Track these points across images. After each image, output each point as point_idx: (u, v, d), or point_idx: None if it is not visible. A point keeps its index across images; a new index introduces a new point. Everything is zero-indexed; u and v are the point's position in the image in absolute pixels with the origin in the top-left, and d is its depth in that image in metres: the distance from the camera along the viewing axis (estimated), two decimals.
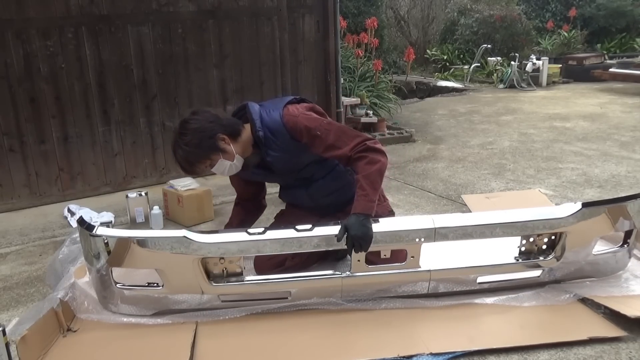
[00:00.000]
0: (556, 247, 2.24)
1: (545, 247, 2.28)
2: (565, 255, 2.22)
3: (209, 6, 4.16)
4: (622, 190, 3.69)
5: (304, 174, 2.46)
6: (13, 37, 3.51)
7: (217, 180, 4.25)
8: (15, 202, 3.72)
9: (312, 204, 2.54)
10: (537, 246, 2.28)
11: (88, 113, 3.86)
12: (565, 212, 2.16)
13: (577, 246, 2.22)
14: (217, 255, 2.10)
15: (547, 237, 2.25)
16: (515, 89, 8.83)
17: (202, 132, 2.22)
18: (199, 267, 2.09)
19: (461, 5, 11.82)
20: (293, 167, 2.42)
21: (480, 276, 2.27)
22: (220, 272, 2.17)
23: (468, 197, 3.63)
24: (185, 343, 1.98)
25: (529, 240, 2.27)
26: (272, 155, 2.32)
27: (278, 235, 2.10)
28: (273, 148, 2.30)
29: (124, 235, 2.06)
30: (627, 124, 5.86)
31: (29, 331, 1.89)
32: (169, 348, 1.99)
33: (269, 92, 4.55)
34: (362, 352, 1.93)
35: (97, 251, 2.06)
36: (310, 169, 2.45)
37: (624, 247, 2.33)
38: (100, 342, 2.05)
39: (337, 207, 2.48)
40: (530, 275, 2.30)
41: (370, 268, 2.18)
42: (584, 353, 1.91)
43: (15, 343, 1.83)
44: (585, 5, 11.80)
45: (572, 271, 2.30)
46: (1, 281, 2.72)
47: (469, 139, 5.41)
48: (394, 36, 12.36)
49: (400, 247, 2.18)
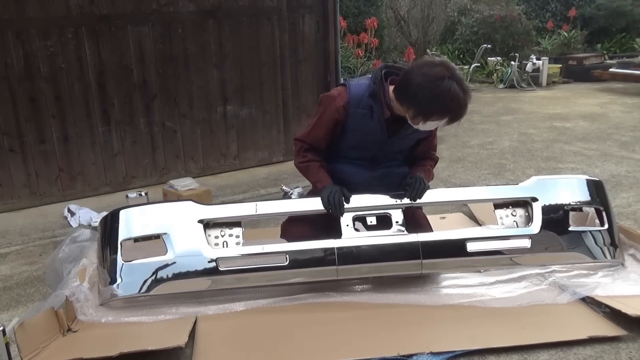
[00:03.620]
0: (531, 216, 2.42)
1: (522, 217, 2.47)
2: (543, 225, 2.38)
3: (209, 6, 4.16)
4: (622, 190, 3.69)
5: (390, 157, 2.47)
6: (13, 37, 3.51)
7: (217, 180, 4.26)
8: (15, 202, 3.72)
9: (367, 185, 2.44)
10: (514, 217, 2.47)
11: (88, 113, 3.86)
12: (524, 184, 2.55)
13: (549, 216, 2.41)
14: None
15: (520, 209, 2.48)
16: (515, 89, 8.83)
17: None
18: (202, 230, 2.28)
19: (461, 5, 11.82)
20: (406, 145, 2.46)
21: (470, 242, 2.34)
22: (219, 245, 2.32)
23: None
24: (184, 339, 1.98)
25: (503, 210, 2.49)
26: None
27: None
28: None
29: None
30: (627, 124, 5.87)
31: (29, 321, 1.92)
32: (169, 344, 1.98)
33: (269, 92, 4.55)
34: (362, 350, 1.93)
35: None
36: (399, 156, 2.50)
37: (604, 227, 2.45)
38: (100, 340, 2.05)
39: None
40: (519, 245, 2.37)
41: (359, 234, 2.36)
42: (584, 353, 1.91)
43: (14, 329, 1.86)
44: (585, 5, 11.81)
45: (560, 247, 2.40)
46: (1, 281, 2.72)
47: (469, 139, 5.41)
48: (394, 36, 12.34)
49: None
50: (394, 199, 2.39)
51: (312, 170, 2.38)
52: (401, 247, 2.32)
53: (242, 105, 4.46)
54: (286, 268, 2.27)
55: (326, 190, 2.29)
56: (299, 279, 2.32)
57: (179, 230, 2.29)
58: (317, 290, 2.33)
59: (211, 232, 2.34)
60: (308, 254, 2.30)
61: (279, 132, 4.69)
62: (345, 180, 2.44)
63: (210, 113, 4.34)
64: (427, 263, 2.31)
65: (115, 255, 2.26)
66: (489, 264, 2.41)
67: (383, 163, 2.46)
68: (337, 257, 2.27)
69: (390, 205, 2.39)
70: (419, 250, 2.30)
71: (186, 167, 4.31)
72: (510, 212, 2.49)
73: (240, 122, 4.48)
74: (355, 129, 2.32)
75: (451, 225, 3.08)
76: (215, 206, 2.48)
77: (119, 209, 2.38)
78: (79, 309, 2.21)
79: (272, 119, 4.63)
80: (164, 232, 2.29)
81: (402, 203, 2.38)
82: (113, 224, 2.33)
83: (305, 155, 2.40)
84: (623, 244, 2.54)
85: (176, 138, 4.23)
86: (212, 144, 4.40)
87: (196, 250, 2.26)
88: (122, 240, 2.29)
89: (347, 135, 2.37)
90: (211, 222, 2.34)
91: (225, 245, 2.33)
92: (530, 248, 2.37)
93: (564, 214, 2.43)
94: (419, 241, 2.31)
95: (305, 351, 1.96)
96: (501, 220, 2.49)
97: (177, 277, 2.25)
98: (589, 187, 2.53)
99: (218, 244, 2.33)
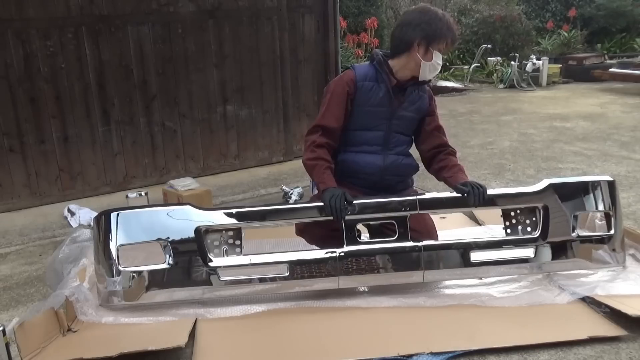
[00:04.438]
0: (538, 222, 2.35)
1: (528, 223, 2.39)
2: (549, 232, 2.32)
3: (209, 6, 4.16)
4: (622, 190, 3.68)
5: (399, 139, 2.50)
6: (13, 37, 3.51)
7: (217, 180, 4.26)
8: (15, 202, 3.72)
9: (378, 177, 2.47)
10: (521, 224, 2.40)
11: (88, 113, 3.86)
12: (535, 188, 2.39)
13: (555, 221, 2.35)
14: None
15: (528, 215, 2.38)
16: (515, 89, 8.83)
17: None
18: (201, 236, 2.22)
19: (461, 5, 11.83)
20: (411, 120, 2.51)
21: (473, 252, 2.31)
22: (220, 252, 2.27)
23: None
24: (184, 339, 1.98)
25: (511, 216, 2.40)
26: (417, 95, 2.47)
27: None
28: (417, 91, 2.48)
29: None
30: (627, 124, 5.86)
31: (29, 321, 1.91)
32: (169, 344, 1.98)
33: (269, 92, 4.55)
34: (362, 350, 1.93)
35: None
36: (406, 139, 2.54)
37: (610, 232, 2.39)
38: (100, 340, 2.05)
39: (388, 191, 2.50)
40: (523, 254, 2.34)
41: (361, 242, 2.32)
42: (584, 353, 1.91)
43: (14, 329, 1.86)
44: (585, 5, 11.82)
45: (564, 255, 2.36)
46: (1, 281, 2.72)
47: (469, 139, 5.41)
48: None
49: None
50: (399, 205, 2.32)
51: (318, 171, 2.36)
52: (403, 258, 2.28)
53: (242, 105, 4.46)
54: (287, 279, 2.24)
55: (328, 193, 2.25)
56: (299, 289, 2.29)
57: (177, 237, 2.22)
58: (317, 293, 2.32)
59: (211, 237, 2.26)
60: (309, 264, 2.26)
61: (279, 132, 4.69)
62: (356, 172, 2.46)
63: (210, 113, 4.34)
64: (429, 273, 2.29)
65: (111, 260, 2.21)
66: (491, 274, 2.37)
67: (391, 148, 2.48)
68: (338, 267, 2.24)
69: (394, 212, 2.32)
70: (421, 261, 2.27)
71: (186, 167, 4.31)
72: (518, 218, 2.41)
73: (240, 122, 4.48)
74: (365, 103, 2.42)
75: (451, 225, 3.08)
76: (215, 212, 2.35)
77: (112, 210, 2.29)
78: (79, 309, 2.21)
79: (272, 119, 4.63)
80: (162, 238, 2.22)
81: (407, 210, 2.32)
82: (108, 226, 2.24)
83: (315, 150, 2.37)
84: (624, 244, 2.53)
85: (176, 138, 4.23)
86: (212, 143, 4.40)
87: (195, 258, 2.22)
88: (118, 245, 2.22)
89: (357, 115, 2.43)
90: (210, 229, 2.26)
91: (225, 252, 2.27)
92: (534, 257, 2.33)
93: (571, 220, 2.36)
94: (421, 251, 2.27)
95: (305, 351, 1.96)
96: (507, 226, 2.41)
97: (174, 285, 2.22)
98: (600, 189, 2.41)
99: (218, 250, 2.27)
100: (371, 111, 2.42)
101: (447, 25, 2.31)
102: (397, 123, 2.46)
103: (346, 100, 2.40)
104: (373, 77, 2.42)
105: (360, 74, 2.42)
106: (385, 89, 2.40)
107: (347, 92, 2.39)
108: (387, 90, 2.40)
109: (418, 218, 2.40)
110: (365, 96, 2.41)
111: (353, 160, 2.46)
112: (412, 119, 2.50)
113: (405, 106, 2.45)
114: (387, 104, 2.41)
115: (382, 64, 2.42)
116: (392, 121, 2.45)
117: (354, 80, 2.40)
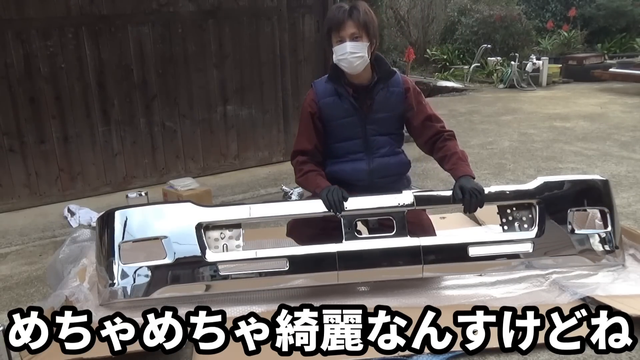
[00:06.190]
0: (534, 219, 2.38)
1: (525, 220, 2.42)
2: (545, 228, 2.35)
3: (209, 6, 4.16)
4: (622, 190, 3.68)
5: (381, 141, 2.47)
6: (13, 37, 3.51)
7: (217, 180, 4.27)
8: (15, 202, 3.72)
9: (367, 182, 2.48)
10: (517, 220, 2.42)
11: (88, 113, 3.86)
12: (529, 185, 2.44)
13: (551, 218, 2.38)
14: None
15: (524, 211, 2.42)
16: (515, 89, 8.84)
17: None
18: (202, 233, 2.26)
19: (461, 5, 11.84)
20: (388, 120, 2.46)
21: (472, 247, 2.32)
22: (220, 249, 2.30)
23: None
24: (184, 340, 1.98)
25: (507, 213, 2.42)
26: (385, 93, 2.41)
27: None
28: (385, 89, 2.41)
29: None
30: (627, 124, 5.87)
31: None
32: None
33: (269, 92, 4.55)
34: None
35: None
36: (389, 140, 2.50)
37: (607, 229, 2.41)
38: None
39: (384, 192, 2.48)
40: (521, 249, 2.35)
41: (360, 237, 2.32)
42: (584, 353, 1.91)
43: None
44: (585, 5, 11.82)
45: (562, 251, 2.38)
46: (1, 281, 2.72)
47: (469, 139, 5.41)
48: (394, 36, 12.35)
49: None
50: (396, 201, 2.35)
51: (310, 180, 2.41)
52: (402, 252, 2.30)
53: (242, 105, 4.46)
54: (287, 273, 2.26)
55: (324, 190, 2.30)
56: (299, 283, 2.31)
57: (178, 233, 2.26)
58: (317, 292, 2.32)
59: (211, 235, 2.31)
60: (309, 258, 2.28)
61: (279, 132, 4.69)
62: (344, 182, 2.44)
63: (210, 113, 4.34)
64: (428, 268, 2.30)
65: (113, 257, 2.24)
66: (490, 268, 2.39)
67: (375, 152, 2.48)
68: (338, 262, 2.25)
69: (392, 208, 2.35)
70: (421, 255, 2.28)
71: (186, 167, 4.31)
72: (514, 214, 2.46)
73: (240, 122, 4.48)
74: (332, 118, 2.43)
75: (451, 225, 3.08)
76: (215, 208, 2.44)
77: (116, 208, 2.35)
78: (78, 309, 2.21)
79: (272, 119, 4.63)
80: (164, 235, 2.25)
81: (405, 205, 2.35)
82: (111, 224, 2.29)
83: (301, 168, 2.46)
84: (623, 244, 2.54)
85: (176, 138, 4.23)
86: (212, 144, 4.40)
87: (196, 254, 2.24)
88: (120, 242, 2.26)
89: (330, 130, 2.46)
90: (211, 225, 2.32)
91: (225, 248, 2.31)
92: (532, 252, 2.35)
93: (568, 217, 2.40)
94: (420, 245, 2.29)
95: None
96: (504, 223, 2.45)
97: (176, 281, 2.24)
98: (594, 187, 2.47)
99: (218, 247, 2.31)
100: (341, 124, 2.44)
101: (340, 8, 2.30)
102: (373, 127, 2.45)
103: (313, 121, 2.44)
104: (332, 91, 2.42)
105: (319, 92, 2.44)
106: (347, 100, 2.40)
107: (311, 113, 2.44)
108: (349, 101, 2.40)
109: (415, 214, 2.41)
110: (330, 112, 2.43)
111: (340, 169, 2.50)
112: (388, 119, 2.47)
113: (376, 109, 2.43)
114: (355, 113, 2.42)
115: (334, 77, 2.41)
116: (367, 127, 2.45)
117: (315, 100, 2.43)
